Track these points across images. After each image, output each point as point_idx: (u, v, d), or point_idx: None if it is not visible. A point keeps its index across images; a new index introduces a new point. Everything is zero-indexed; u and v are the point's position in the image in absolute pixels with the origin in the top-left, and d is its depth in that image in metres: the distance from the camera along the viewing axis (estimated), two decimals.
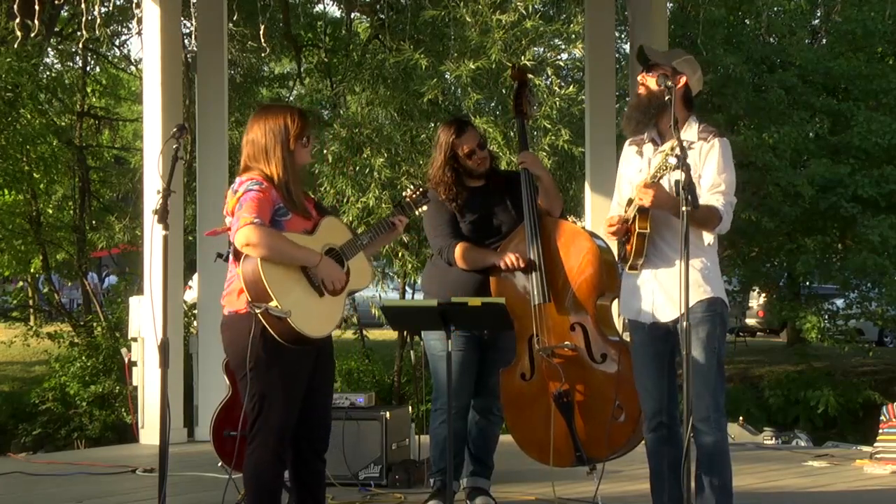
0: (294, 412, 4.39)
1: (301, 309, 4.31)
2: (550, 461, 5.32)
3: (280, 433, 4.35)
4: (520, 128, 5.95)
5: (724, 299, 4.56)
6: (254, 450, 4.37)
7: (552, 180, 5.75)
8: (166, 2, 8.80)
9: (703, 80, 4.77)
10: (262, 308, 4.24)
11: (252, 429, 4.37)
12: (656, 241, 4.52)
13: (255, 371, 4.32)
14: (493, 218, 5.64)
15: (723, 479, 4.46)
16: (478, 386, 5.64)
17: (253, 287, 4.27)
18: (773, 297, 21.38)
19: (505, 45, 12.83)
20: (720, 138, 4.49)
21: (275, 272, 4.29)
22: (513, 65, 6.44)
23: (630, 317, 4.66)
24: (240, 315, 4.36)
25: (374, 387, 15.75)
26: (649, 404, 4.61)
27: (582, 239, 5.47)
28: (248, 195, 4.32)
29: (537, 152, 12.49)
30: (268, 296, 4.24)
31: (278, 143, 4.42)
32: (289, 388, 4.36)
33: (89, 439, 14.95)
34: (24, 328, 17.77)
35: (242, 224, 4.25)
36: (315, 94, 19.56)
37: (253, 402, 4.34)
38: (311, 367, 4.44)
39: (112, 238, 16.96)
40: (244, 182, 4.39)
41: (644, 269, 4.55)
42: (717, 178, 4.42)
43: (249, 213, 4.27)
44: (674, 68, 4.55)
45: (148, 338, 8.28)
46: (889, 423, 7.10)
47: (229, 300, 4.44)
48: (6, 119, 15.12)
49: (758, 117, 17.48)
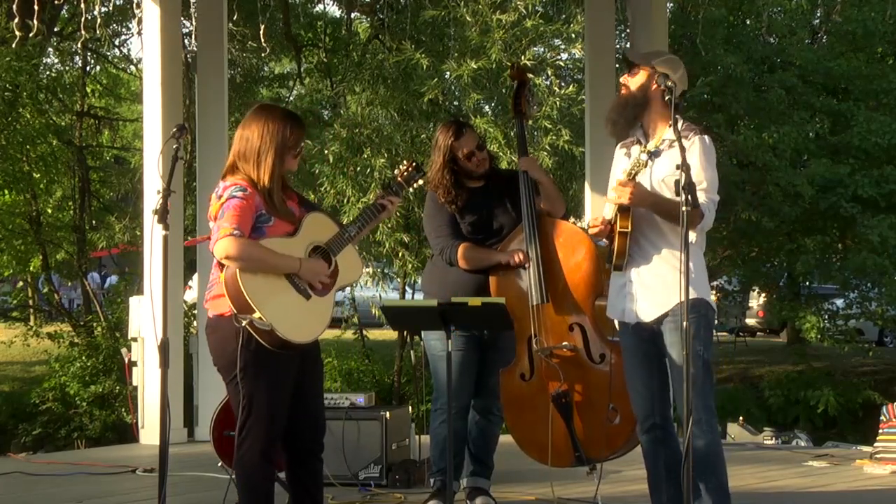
0: (282, 414, 4.40)
1: (286, 315, 4.30)
2: (549, 461, 5.33)
3: (268, 435, 4.36)
4: (519, 128, 5.94)
5: (709, 300, 4.54)
6: (244, 452, 4.38)
7: (553, 183, 5.74)
8: (166, 2, 8.80)
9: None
10: (247, 320, 4.23)
11: (241, 431, 4.38)
12: (639, 240, 4.51)
13: (243, 375, 4.33)
14: (494, 220, 5.64)
15: (719, 480, 4.45)
16: (478, 386, 5.65)
17: (235, 298, 4.26)
18: (773, 297, 21.38)
19: (505, 45, 12.83)
20: (700, 136, 4.49)
21: (255, 282, 4.26)
22: (512, 64, 6.43)
23: (616, 317, 4.67)
24: (225, 318, 4.36)
25: (374, 387, 15.75)
26: (641, 406, 4.62)
27: (580, 239, 5.47)
28: (230, 203, 4.31)
29: (538, 152, 12.50)
30: (250, 307, 4.23)
31: (272, 149, 4.40)
32: (275, 392, 4.36)
33: (89, 439, 14.95)
34: (24, 328, 17.77)
35: (222, 235, 4.24)
36: (315, 94, 19.56)
37: (242, 405, 4.35)
38: (297, 369, 4.43)
39: (112, 238, 16.96)
40: (228, 187, 4.37)
41: (628, 268, 4.55)
42: (697, 176, 4.40)
43: (229, 223, 4.25)
44: (653, 67, 4.54)
45: (148, 338, 8.28)
46: (889, 423, 7.10)
47: (213, 303, 4.44)
48: (6, 119, 15.12)
49: (758, 117, 17.48)
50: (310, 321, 4.43)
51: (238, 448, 4.39)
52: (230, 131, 10.94)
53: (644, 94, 4.53)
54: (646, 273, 4.51)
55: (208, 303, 4.48)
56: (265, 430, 4.35)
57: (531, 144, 13.04)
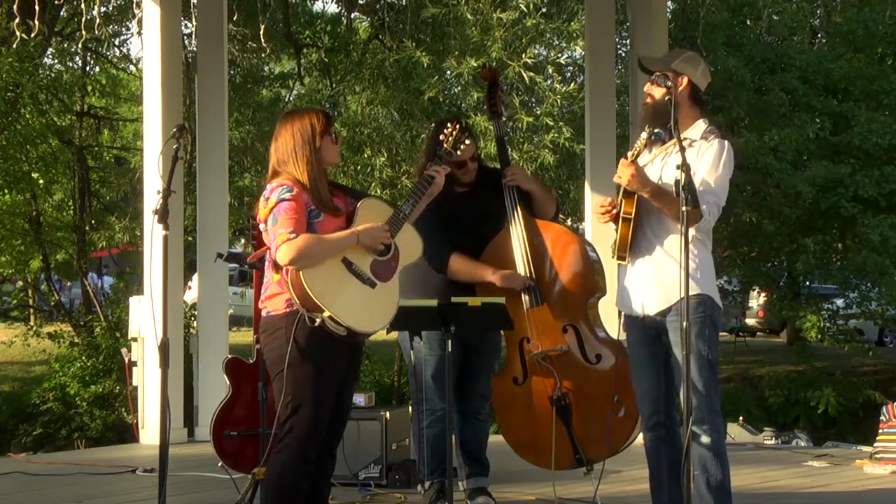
0: (326, 414, 4.38)
1: (355, 308, 4.29)
2: (552, 465, 5.32)
3: (310, 435, 4.34)
4: (497, 131, 5.92)
5: (714, 297, 4.53)
6: (281, 449, 4.35)
7: (541, 187, 5.70)
8: (166, 2, 8.79)
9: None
10: (319, 319, 4.23)
11: (283, 428, 4.35)
12: (647, 233, 4.52)
13: (291, 372, 4.30)
14: (480, 228, 5.57)
15: (721, 480, 4.45)
16: (465, 389, 5.62)
17: (303, 298, 4.25)
18: (773, 297, 21.38)
19: (505, 44, 12.83)
20: (721, 140, 4.49)
21: (319, 281, 4.25)
22: (483, 65, 6.43)
23: (624, 311, 4.67)
24: (277, 316, 4.36)
25: (373, 387, 15.75)
26: (646, 404, 4.62)
27: (570, 240, 5.48)
28: (280, 206, 4.29)
29: (539, 149, 12.51)
30: (318, 307, 4.23)
31: (305, 142, 4.39)
32: (322, 390, 4.34)
33: (90, 439, 14.96)
34: (24, 328, 17.77)
35: (280, 242, 4.23)
36: (315, 94, 19.56)
37: (286, 402, 4.33)
38: (344, 368, 4.44)
39: (112, 238, 16.96)
40: (275, 189, 4.35)
41: (634, 260, 4.55)
42: (706, 177, 4.42)
43: (285, 227, 4.25)
44: (674, 70, 4.53)
45: (148, 338, 8.27)
46: (889, 423, 7.10)
47: (269, 303, 4.43)
48: (6, 119, 15.12)
49: (759, 119, 17.47)
50: (377, 310, 4.42)
51: (278, 443, 4.36)
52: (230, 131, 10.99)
53: (669, 100, 4.48)
54: (651, 265, 4.52)
55: (263, 303, 4.46)
56: (308, 429, 4.32)
57: (531, 144, 13.06)
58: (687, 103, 4.52)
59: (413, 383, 5.81)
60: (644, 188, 4.41)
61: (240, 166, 16.31)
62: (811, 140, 17.20)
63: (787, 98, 17.56)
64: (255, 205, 4.51)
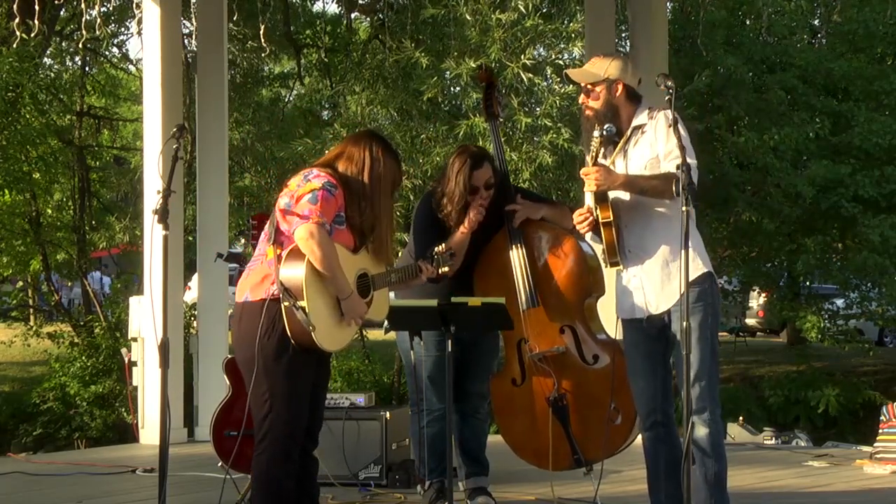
0: (304, 409, 4.39)
1: (323, 320, 4.34)
2: (550, 465, 5.32)
3: (291, 430, 4.35)
4: (494, 133, 5.92)
5: (712, 272, 4.54)
6: (264, 449, 4.36)
7: (551, 210, 5.65)
8: (166, 2, 8.80)
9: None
10: (290, 302, 4.26)
11: (261, 427, 4.36)
12: (631, 231, 4.53)
13: (264, 366, 4.32)
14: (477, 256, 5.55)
15: (717, 471, 4.46)
16: (462, 390, 5.62)
17: (289, 280, 4.29)
18: (773, 297, 21.37)
19: (505, 44, 12.84)
20: (664, 110, 4.50)
21: (314, 277, 4.31)
22: (480, 66, 6.44)
23: (624, 316, 4.66)
24: (253, 304, 4.37)
25: (374, 387, 15.75)
26: (643, 403, 4.62)
27: (565, 241, 5.47)
28: (325, 194, 4.34)
29: (538, 150, 12.51)
30: (300, 295, 4.27)
31: (387, 183, 4.52)
32: (297, 385, 4.36)
33: (90, 439, 14.95)
34: (24, 328, 17.76)
35: (313, 220, 4.28)
36: (315, 93, 19.56)
37: (262, 400, 4.34)
38: (315, 364, 4.46)
39: (112, 238, 16.95)
40: (321, 177, 4.40)
41: (629, 264, 4.55)
42: (667, 147, 4.45)
43: (321, 212, 4.31)
44: (607, 79, 4.58)
45: (148, 338, 8.28)
46: (889, 423, 7.09)
47: (248, 283, 4.43)
48: (6, 119, 15.12)
49: (758, 118, 17.47)
50: (338, 335, 4.50)
51: (258, 444, 4.37)
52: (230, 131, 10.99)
53: (609, 106, 4.58)
54: (648, 264, 4.52)
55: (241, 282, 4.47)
56: (287, 424, 4.34)
57: (530, 144, 13.06)
58: (626, 104, 4.60)
59: (411, 384, 5.82)
60: (615, 182, 4.45)
61: (240, 166, 16.31)
62: (811, 140, 17.20)
63: (787, 97, 17.54)
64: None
